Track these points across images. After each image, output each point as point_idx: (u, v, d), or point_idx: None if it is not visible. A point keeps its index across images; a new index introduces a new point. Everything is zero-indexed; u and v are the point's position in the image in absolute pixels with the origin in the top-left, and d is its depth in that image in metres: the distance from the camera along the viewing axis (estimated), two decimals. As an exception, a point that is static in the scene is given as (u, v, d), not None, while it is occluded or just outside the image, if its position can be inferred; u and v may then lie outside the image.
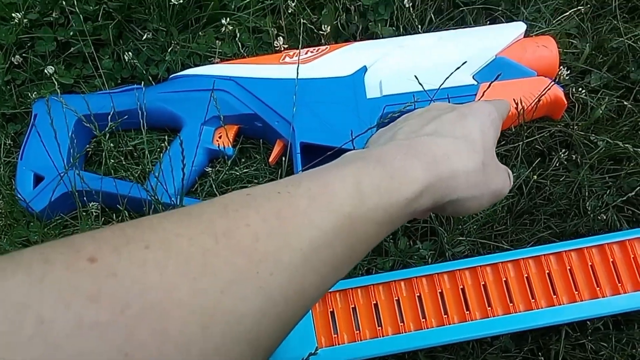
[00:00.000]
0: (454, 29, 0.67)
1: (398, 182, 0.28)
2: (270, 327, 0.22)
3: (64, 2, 0.65)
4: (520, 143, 0.60)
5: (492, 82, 0.52)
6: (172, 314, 0.19)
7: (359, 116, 0.59)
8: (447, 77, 0.54)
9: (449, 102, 0.58)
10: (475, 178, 0.31)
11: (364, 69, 0.62)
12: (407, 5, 0.68)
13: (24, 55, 0.66)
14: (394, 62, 0.62)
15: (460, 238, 0.59)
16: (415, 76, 0.55)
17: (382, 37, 0.67)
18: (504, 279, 0.54)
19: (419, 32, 0.67)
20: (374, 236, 0.27)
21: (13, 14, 0.65)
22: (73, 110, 0.55)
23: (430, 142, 0.31)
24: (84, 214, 0.59)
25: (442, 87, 0.56)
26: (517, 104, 0.58)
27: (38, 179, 0.60)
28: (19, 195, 0.58)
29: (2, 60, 0.65)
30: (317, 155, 0.57)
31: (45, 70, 0.65)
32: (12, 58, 0.65)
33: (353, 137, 0.54)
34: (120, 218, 0.57)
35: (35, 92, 0.65)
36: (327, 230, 0.24)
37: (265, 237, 0.23)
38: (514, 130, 0.63)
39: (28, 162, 0.60)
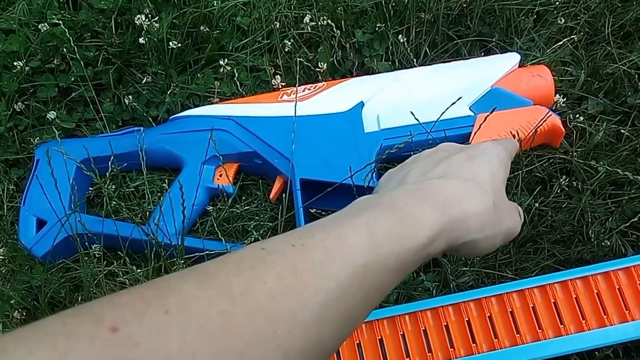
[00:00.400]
0: (449, 61, 0.68)
1: (410, 229, 0.28)
2: None
3: (64, 50, 0.66)
4: (520, 172, 0.60)
5: (488, 114, 0.53)
6: None
7: (357, 151, 0.59)
8: (444, 111, 0.54)
9: (446, 134, 0.59)
10: (487, 219, 0.32)
11: (362, 104, 0.62)
12: (401, 40, 0.69)
13: (26, 102, 0.67)
14: (390, 96, 0.63)
15: (464, 268, 0.59)
16: (411, 112, 0.56)
17: (378, 72, 0.68)
18: (510, 309, 0.53)
19: (415, 66, 0.68)
20: (387, 284, 0.27)
21: (15, 62, 0.66)
22: (73, 159, 0.56)
23: (441, 185, 0.32)
24: (87, 257, 0.59)
25: (439, 119, 0.57)
26: (514, 134, 0.58)
27: (41, 224, 0.60)
28: (21, 241, 0.59)
29: (4, 108, 0.66)
30: (317, 191, 0.58)
31: (47, 116, 0.66)
32: (15, 105, 0.67)
33: (352, 173, 0.54)
34: (122, 261, 0.57)
35: (37, 138, 0.66)
36: (342, 281, 0.25)
37: (282, 295, 0.23)
38: (513, 159, 0.63)
39: (30, 207, 0.61)
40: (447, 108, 0.54)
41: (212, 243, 0.57)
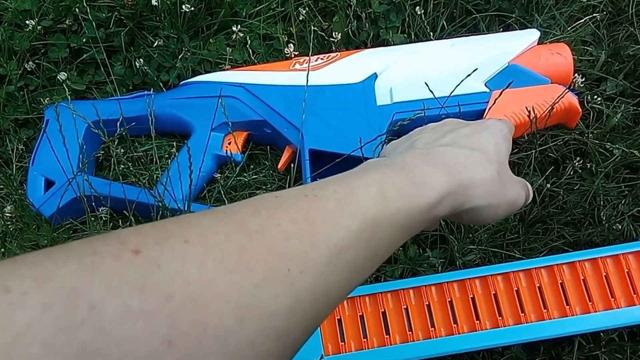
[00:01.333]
0: (466, 36, 0.67)
1: (419, 188, 0.29)
2: (298, 325, 0.23)
3: (77, 10, 0.66)
4: (534, 151, 0.59)
5: (504, 89, 0.52)
6: (211, 306, 0.20)
7: (368, 123, 0.59)
8: (458, 85, 0.53)
9: (460, 109, 0.58)
10: (492, 187, 0.33)
11: (375, 76, 0.61)
12: (418, 13, 0.67)
13: (37, 61, 0.67)
14: (405, 69, 0.62)
15: (471, 247, 0.58)
16: (426, 83, 0.55)
17: (393, 44, 0.67)
18: (516, 288, 0.53)
19: (431, 39, 0.67)
20: (395, 240, 0.28)
21: (27, 21, 0.66)
22: (82, 116, 0.56)
23: (449, 151, 0.33)
24: (94, 218, 0.59)
25: (453, 94, 0.56)
26: (529, 111, 0.57)
27: (49, 184, 0.60)
28: (29, 200, 0.59)
29: (15, 67, 0.66)
30: (326, 162, 0.57)
31: (58, 77, 0.66)
32: (26, 64, 0.66)
33: (362, 144, 0.53)
34: (128, 223, 0.57)
35: (47, 98, 0.66)
36: (353, 232, 0.25)
37: (296, 237, 0.24)
38: (527, 138, 0.62)
39: (39, 167, 0.61)
40: (463, 80, 0.53)
41: (218, 210, 0.57)
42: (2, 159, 0.65)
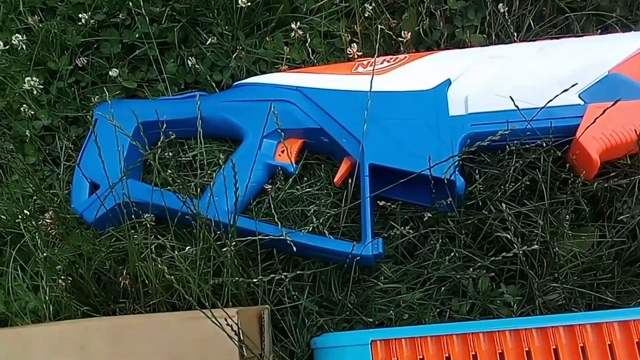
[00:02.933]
0: (557, 38, 0.58)
1: None
2: None
3: (130, 3, 0.62)
4: (637, 177, 0.50)
5: (608, 107, 0.43)
6: None
7: (439, 137, 0.52)
8: (553, 99, 0.45)
9: (551, 124, 0.50)
10: None
11: (448, 82, 0.54)
12: (501, 10, 0.59)
13: (88, 57, 0.64)
14: (483, 75, 0.55)
15: (554, 284, 0.50)
16: (511, 97, 0.47)
17: (470, 46, 0.60)
18: (609, 342, 0.45)
19: (515, 41, 0.59)
20: None
21: (80, 14, 0.63)
22: (135, 114, 0.52)
23: None
24: (135, 228, 0.55)
25: (545, 107, 0.48)
26: (634, 131, 0.48)
27: (95, 187, 0.57)
28: (73, 205, 0.56)
29: (67, 62, 0.63)
30: (390, 179, 0.50)
31: (110, 73, 0.63)
32: (77, 60, 0.63)
33: (431, 164, 0.46)
34: (170, 236, 0.53)
35: (97, 96, 0.63)
36: None
37: None
38: (629, 161, 0.53)
39: (86, 167, 0.58)
40: (558, 94, 0.45)
41: (266, 226, 0.52)
42: (51, 157, 0.63)
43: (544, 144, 0.50)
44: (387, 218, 0.55)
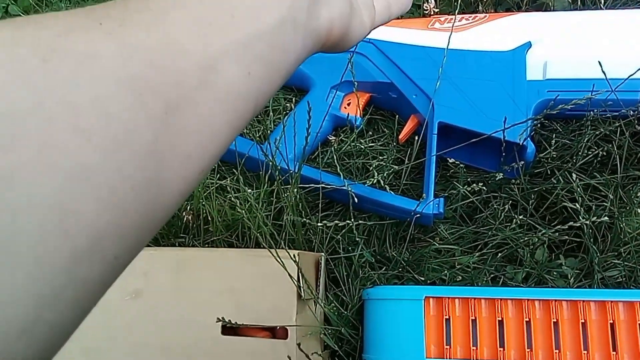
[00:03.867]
0: (647, 7, 0.55)
1: None
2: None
3: None
4: None
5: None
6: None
7: (514, 100, 0.50)
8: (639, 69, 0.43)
9: (639, 97, 0.47)
10: None
11: (528, 45, 0.52)
12: (591, -26, 0.56)
13: None
14: (565, 41, 0.52)
15: (616, 261, 0.49)
16: (599, 62, 0.45)
17: (554, 10, 0.57)
18: (670, 322, 0.44)
19: (601, 8, 0.56)
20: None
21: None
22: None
23: None
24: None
25: (630, 77, 0.46)
26: None
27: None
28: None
29: None
30: (456, 140, 0.50)
31: None
32: None
33: (505, 127, 0.45)
34: (235, 178, 0.54)
35: None
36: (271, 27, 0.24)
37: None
38: None
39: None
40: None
41: (329, 176, 0.52)
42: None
43: (629, 114, 0.47)
44: (448, 180, 0.55)
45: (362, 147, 0.56)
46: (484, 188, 0.51)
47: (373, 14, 0.35)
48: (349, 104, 0.56)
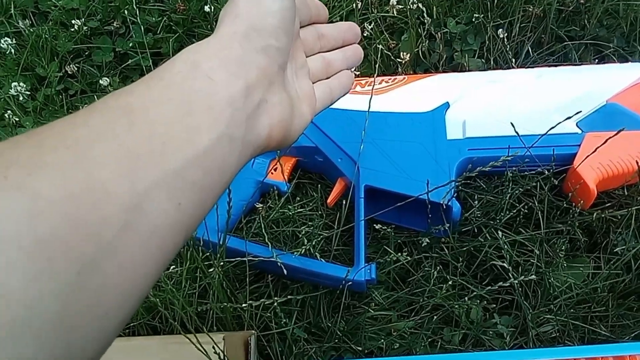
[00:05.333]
0: (555, 66, 0.58)
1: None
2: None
3: (126, 11, 0.61)
4: (633, 209, 0.49)
5: (611, 137, 0.43)
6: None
7: (436, 160, 0.51)
8: (555, 126, 0.45)
9: (554, 151, 0.49)
10: None
11: (447, 105, 0.53)
12: (501, 36, 0.59)
13: (79, 65, 0.63)
14: (481, 100, 0.54)
15: (548, 316, 0.49)
16: (511, 123, 0.46)
17: (469, 70, 0.59)
18: (604, 378, 0.43)
19: (513, 67, 0.58)
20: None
21: (73, 21, 0.61)
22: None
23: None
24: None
25: (537, 133, 0.47)
26: (633, 161, 0.47)
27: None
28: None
29: (56, 69, 0.62)
30: (384, 202, 0.49)
31: (100, 82, 0.61)
32: (67, 67, 0.62)
33: (429, 189, 0.45)
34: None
35: (86, 104, 0.61)
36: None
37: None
38: (625, 192, 0.52)
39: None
40: (560, 122, 0.45)
41: (256, 247, 0.50)
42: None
43: (545, 172, 0.49)
44: (380, 242, 0.54)
45: (291, 213, 0.54)
46: (415, 250, 0.51)
47: (314, 102, 0.34)
48: (275, 170, 0.55)
